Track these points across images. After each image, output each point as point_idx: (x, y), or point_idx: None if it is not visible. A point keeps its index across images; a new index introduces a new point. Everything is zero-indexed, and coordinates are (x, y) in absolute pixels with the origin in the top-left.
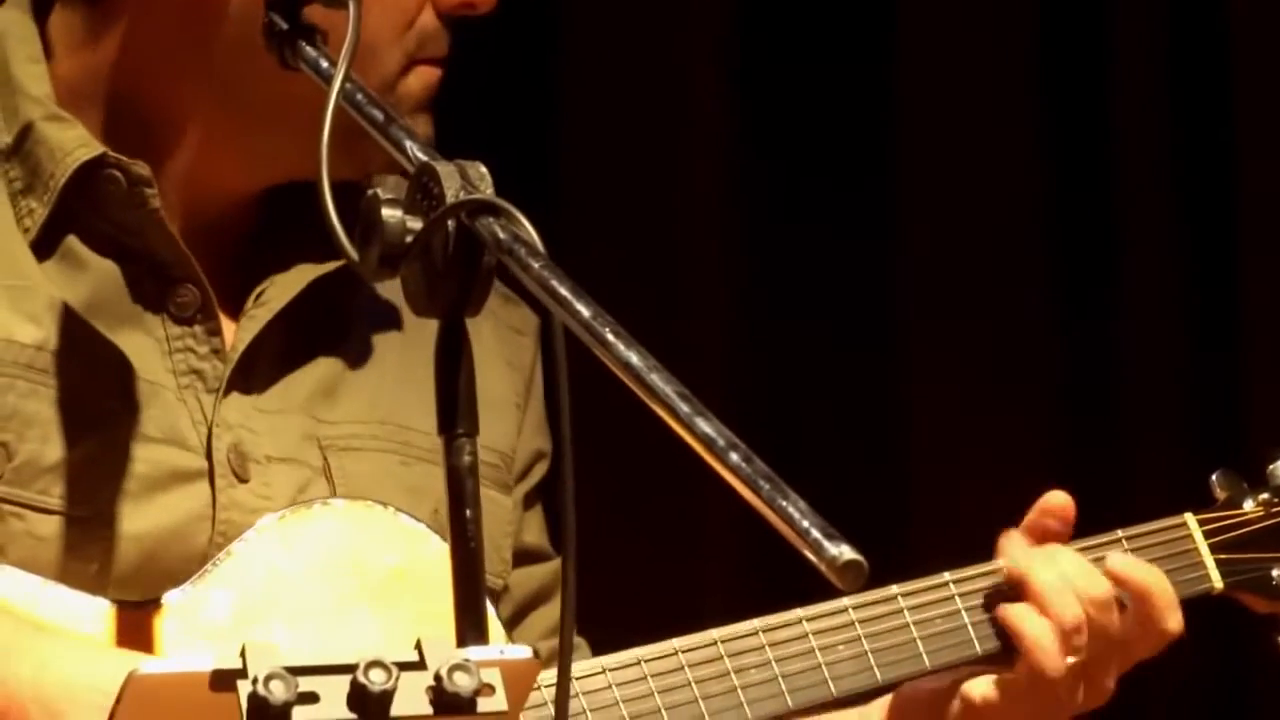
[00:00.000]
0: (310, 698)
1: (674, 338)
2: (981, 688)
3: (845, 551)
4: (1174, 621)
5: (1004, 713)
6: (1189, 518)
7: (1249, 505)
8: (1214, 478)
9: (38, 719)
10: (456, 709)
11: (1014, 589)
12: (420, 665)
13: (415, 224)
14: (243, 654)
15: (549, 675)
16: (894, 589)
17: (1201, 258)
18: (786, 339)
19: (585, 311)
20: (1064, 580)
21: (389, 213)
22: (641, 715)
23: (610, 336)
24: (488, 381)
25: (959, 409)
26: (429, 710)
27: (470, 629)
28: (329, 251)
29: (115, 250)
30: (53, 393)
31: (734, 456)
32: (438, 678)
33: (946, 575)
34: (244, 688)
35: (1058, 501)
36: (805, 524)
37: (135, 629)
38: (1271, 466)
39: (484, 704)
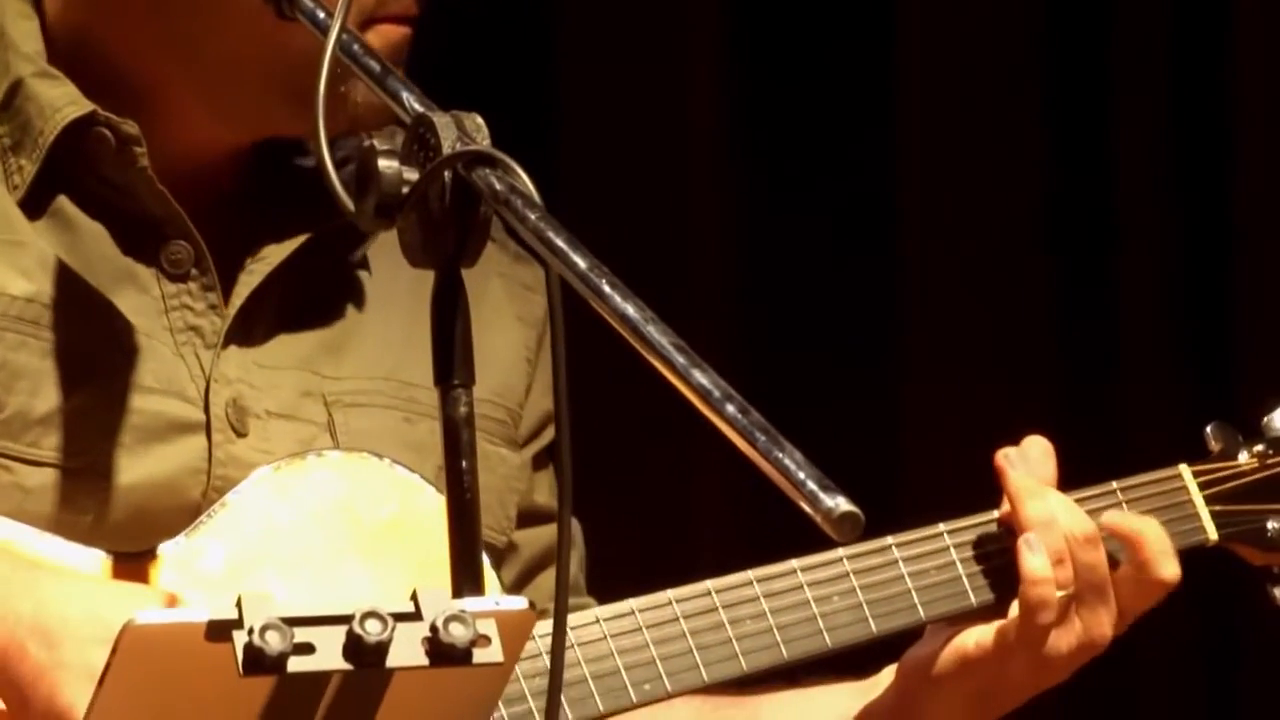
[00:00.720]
0: (306, 648)
1: (668, 291)
2: (976, 635)
3: (841, 503)
4: (1169, 569)
5: (1000, 662)
6: (1184, 469)
7: (1243, 457)
8: (1208, 430)
9: (36, 654)
10: (452, 660)
11: (1007, 535)
12: (416, 616)
13: (411, 175)
14: (239, 604)
15: (544, 626)
16: (889, 540)
17: (1197, 213)
18: (782, 294)
19: (581, 263)
20: (1050, 514)
21: (385, 163)
22: (636, 666)
23: (606, 288)
24: (497, 337)
25: (955, 362)
26: (425, 661)
27: (466, 580)
28: (328, 210)
29: (106, 210)
30: (44, 345)
31: (730, 408)
32: (434, 628)
33: (941, 526)
34: (240, 638)
35: (1037, 447)
36: (801, 475)
37: (130, 579)
38: (1266, 419)
39: (480, 655)
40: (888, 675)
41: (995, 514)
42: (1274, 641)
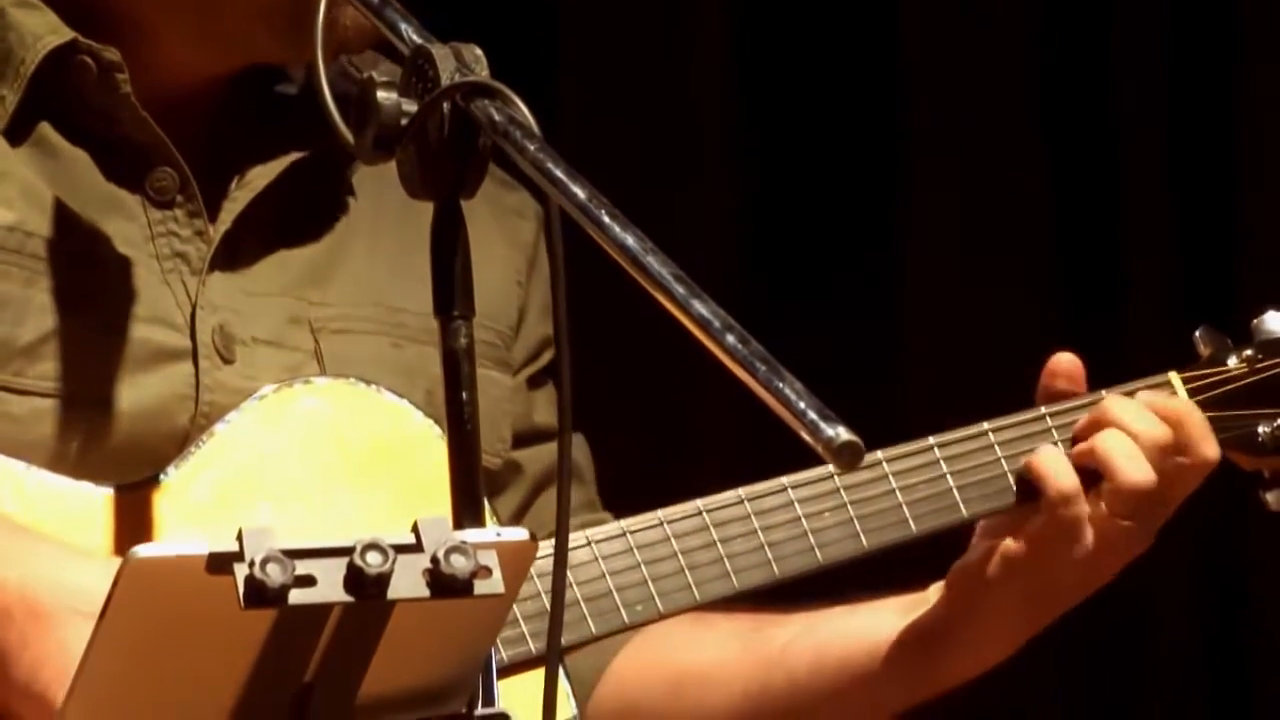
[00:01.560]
0: (307, 580)
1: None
2: (1018, 536)
3: (842, 433)
4: (1211, 449)
5: (1044, 561)
6: (1173, 376)
7: (1232, 362)
8: (1197, 334)
9: (22, 622)
10: (453, 591)
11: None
12: (417, 548)
13: (410, 107)
14: (239, 537)
15: (541, 546)
16: (879, 454)
17: (1195, 122)
18: (784, 213)
19: (581, 193)
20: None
21: (384, 95)
22: (628, 587)
23: (606, 218)
24: (486, 261)
25: (954, 276)
26: (426, 593)
27: (467, 512)
28: (313, 136)
29: (89, 138)
30: (27, 274)
31: (730, 338)
32: (434, 560)
33: (930, 439)
34: (240, 571)
35: (1065, 362)
36: (801, 405)
37: (122, 512)
38: (1256, 321)
39: (481, 586)
40: (935, 590)
41: (1042, 410)
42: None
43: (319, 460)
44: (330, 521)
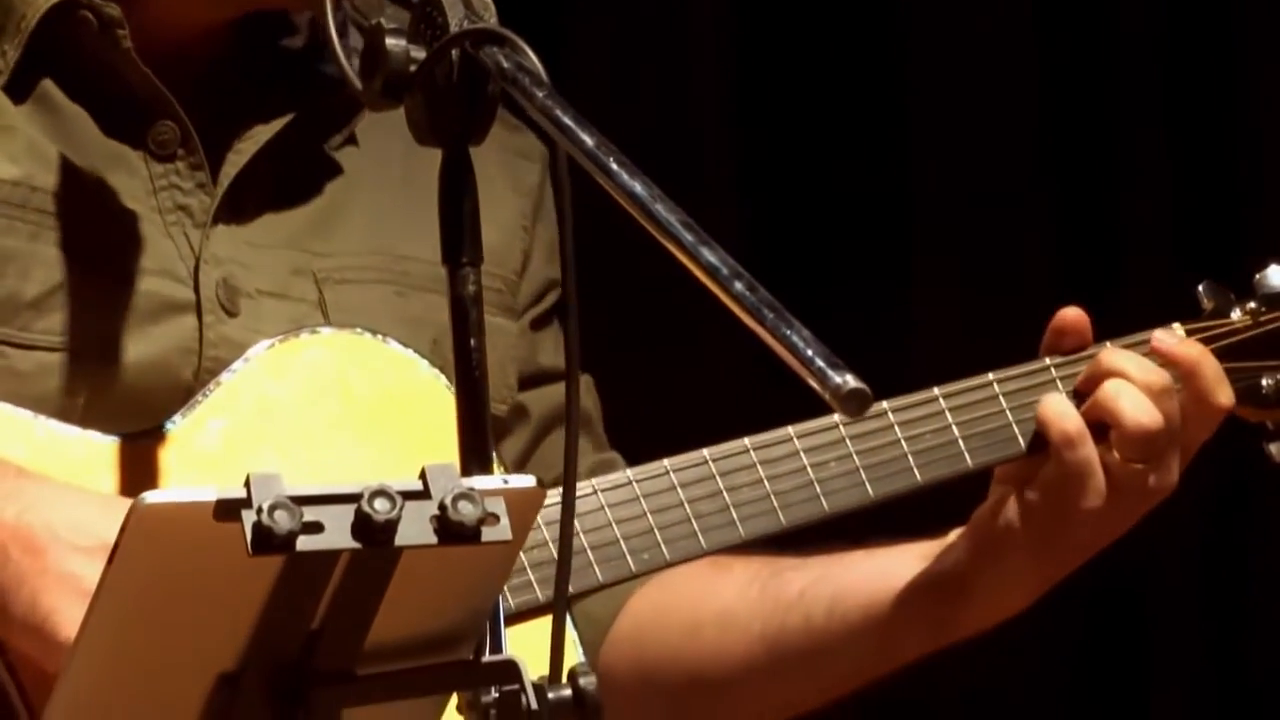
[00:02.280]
0: (315, 527)
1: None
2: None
3: (849, 380)
4: (1225, 394)
5: (1059, 504)
6: (1177, 328)
7: (1236, 315)
8: (1200, 288)
9: (19, 558)
10: (461, 538)
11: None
12: (425, 494)
13: (419, 53)
14: (247, 483)
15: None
16: (884, 404)
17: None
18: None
19: (589, 140)
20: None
21: (393, 42)
22: (634, 535)
23: (614, 165)
24: (491, 206)
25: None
26: (434, 540)
27: (474, 459)
28: (316, 89)
29: (91, 93)
30: (31, 228)
31: (738, 285)
32: (442, 507)
33: (935, 390)
34: (248, 517)
35: (1071, 317)
36: (809, 353)
37: (129, 460)
38: (1259, 275)
39: (488, 533)
40: (955, 537)
41: (1046, 361)
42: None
43: (324, 410)
44: (335, 471)
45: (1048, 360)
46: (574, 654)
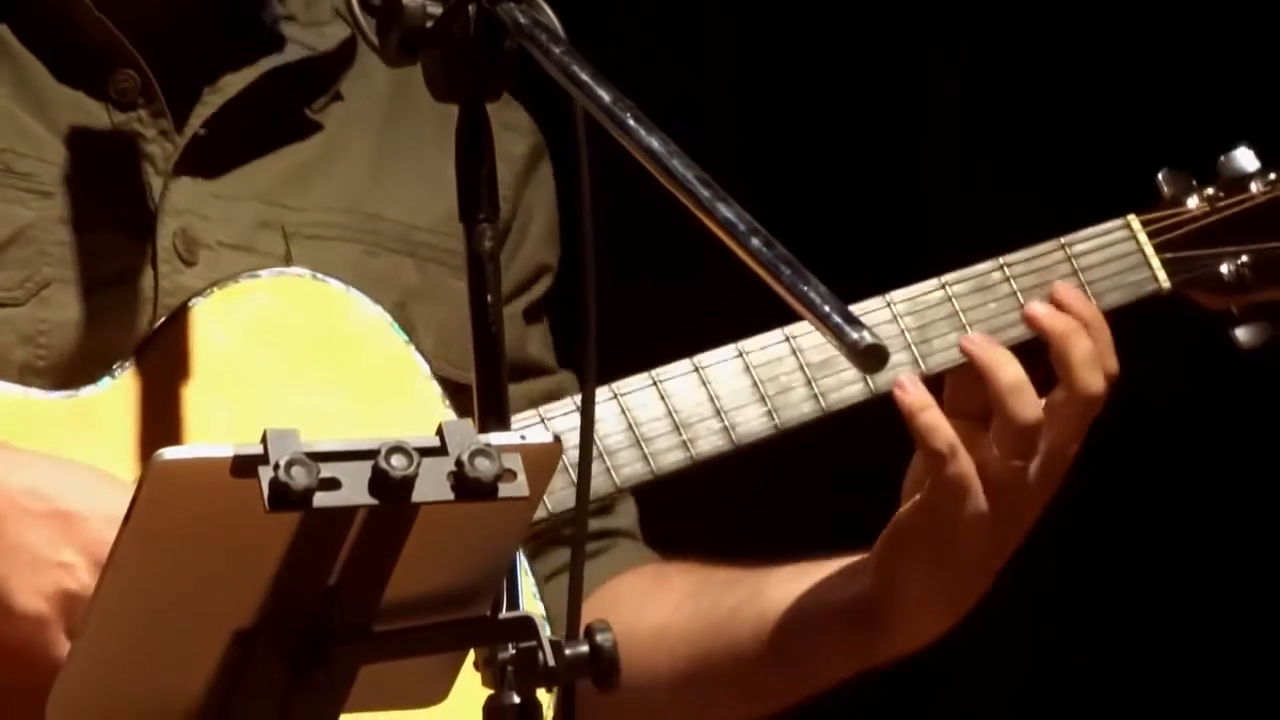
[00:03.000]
0: (332, 483)
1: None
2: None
3: (866, 336)
4: (1092, 379)
5: (942, 519)
6: (1132, 219)
7: (1193, 203)
8: (1160, 176)
9: None
10: (478, 494)
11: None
12: (441, 450)
13: (435, 9)
14: (264, 439)
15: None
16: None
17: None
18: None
19: (606, 96)
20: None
21: None
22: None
23: (631, 121)
24: None
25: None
26: (450, 496)
27: (491, 415)
28: (295, 44)
29: (51, 42)
30: None
31: (755, 241)
32: (459, 463)
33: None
34: (265, 474)
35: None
36: (826, 309)
37: (71, 417)
38: (1223, 158)
39: (505, 489)
40: (864, 556)
41: (999, 261)
42: None
43: (270, 355)
44: (285, 416)
45: (1000, 260)
46: (535, 605)
